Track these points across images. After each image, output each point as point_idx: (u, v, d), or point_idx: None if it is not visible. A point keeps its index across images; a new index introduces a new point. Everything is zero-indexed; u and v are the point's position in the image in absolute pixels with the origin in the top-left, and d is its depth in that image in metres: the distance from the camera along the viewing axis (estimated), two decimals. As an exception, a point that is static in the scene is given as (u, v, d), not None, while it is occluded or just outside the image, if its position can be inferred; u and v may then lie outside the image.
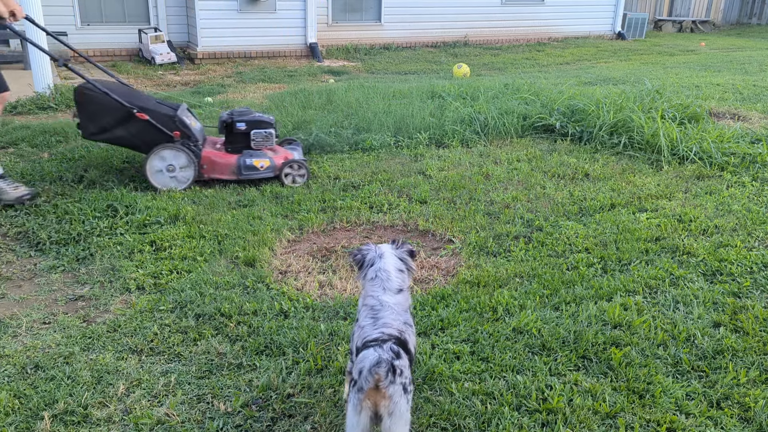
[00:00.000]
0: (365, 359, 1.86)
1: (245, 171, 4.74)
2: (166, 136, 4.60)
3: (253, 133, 4.80)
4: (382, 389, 1.81)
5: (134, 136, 4.58)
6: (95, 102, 4.44)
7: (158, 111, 4.59)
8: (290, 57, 11.92)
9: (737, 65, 11.24)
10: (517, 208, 4.28)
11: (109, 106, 4.45)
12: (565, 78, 9.35)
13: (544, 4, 14.65)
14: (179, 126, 4.63)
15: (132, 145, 4.71)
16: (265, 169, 4.77)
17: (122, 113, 4.47)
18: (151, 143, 4.58)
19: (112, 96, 4.43)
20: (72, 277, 3.37)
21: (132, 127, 4.53)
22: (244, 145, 4.82)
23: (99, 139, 4.65)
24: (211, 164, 4.72)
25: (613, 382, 2.55)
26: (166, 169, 4.58)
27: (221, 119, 4.81)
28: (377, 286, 2.17)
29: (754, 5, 20.84)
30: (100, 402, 2.42)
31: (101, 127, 4.50)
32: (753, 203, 4.39)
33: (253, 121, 4.80)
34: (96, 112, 4.46)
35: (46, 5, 7.71)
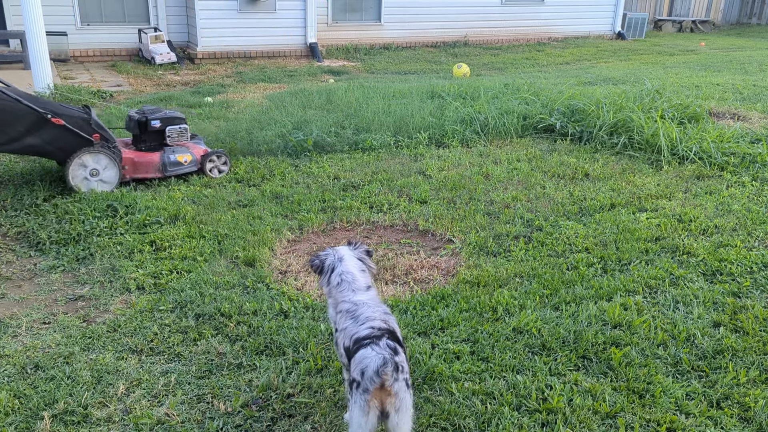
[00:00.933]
0: (366, 360, 1.87)
1: (170, 167, 4.74)
2: (84, 141, 4.38)
3: (168, 130, 4.78)
4: (387, 387, 1.84)
5: (49, 143, 4.28)
6: (3, 109, 4.08)
7: (73, 115, 4.37)
8: (290, 57, 11.92)
9: (737, 65, 11.24)
10: (517, 208, 4.28)
11: (19, 113, 4.12)
12: (565, 78, 9.35)
13: (544, 4, 14.64)
14: (96, 128, 4.45)
15: (45, 153, 4.41)
16: (189, 163, 4.81)
17: (34, 119, 4.17)
18: (69, 149, 4.34)
19: (23, 101, 4.12)
20: (72, 277, 3.37)
21: (46, 134, 4.23)
22: (158, 142, 4.78)
23: (6, 150, 4.28)
24: (132, 165, 4.64)
25: (613, 382, 2.54)
26: (89, 174, 4.42)
27: (132, 118, 4.70)
28: (345, 289, 2.18)
29: (754, 5, 20.84)
30: (100, 402, 2.42)
31: (10, 137, 4.14)
32: (753, 203, 4.39)
33: (167, 118, 4.77)
34: (6, 121, 4.10)
35: (46, 5, 7.71)
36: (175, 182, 4.71)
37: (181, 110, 7.00)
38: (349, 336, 2.03)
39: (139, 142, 4.77)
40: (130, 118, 4.74)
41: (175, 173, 4.77)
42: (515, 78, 9.05)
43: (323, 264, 2.27)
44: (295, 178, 4.88)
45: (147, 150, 4.74)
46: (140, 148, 4.76)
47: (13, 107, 4.11)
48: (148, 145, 4.76)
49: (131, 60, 10.92)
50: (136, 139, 4.78)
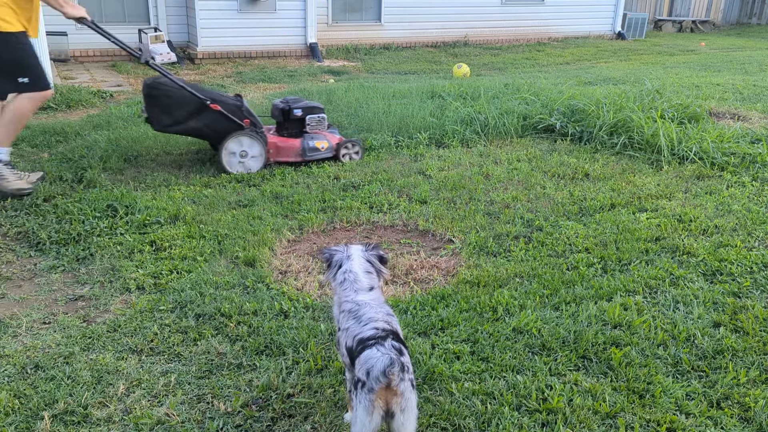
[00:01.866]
0: (372, 360, 1.87)
1: (309, 153, 5.18)
2: (236, 125, 4.89)
3: (308, 118, 5.21)
4: (393, 387, 1.85)
5: (207, 126, 4.86)
6: (171, 96, 4.71)
7: (227, 101, 4.89)
8: (290, 57, 11.92)
9: (737, 65, 11.24)
10: (517, 208, 4.28)
11: (184, 99, 4.73)
12: (565, 78, 9.35)
13: (544, 4, 14.65)
14: (246, 114, 4.94)
15: (203, 135, 5.05)
16: (325, 149, 5.23)
17: (196, 105, 4.76)
18: (222, 132, 4.87)
19: (187, 89, 4.72)
20: (72, 277, 3.37)
21: (205, 118, 4.81)
22: (298, 129, 5.23)
23: (172, 131, 4.94)
24: (276, 149, 5.10)
25: (613, 382, 2.54)
26: (239, 155, 4.92)
27: (277, 107, 5.20)
28: (348, 289, 2.18)
29: (754, 5, 20.84)
30: (100, 402, 2.42)
31: (175, 119, 4.78)
32: (753, 203, 4.39)
33: (308, 107, 5.20)
34: (172, 105, 4.73)
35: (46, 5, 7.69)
36: (175, 182, 4.72)
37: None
38: (352, 336, 2.03)
39: (282, 129, 5.23)
40: (275, 107, 5.24)
41: (313, 158, 5.20)
42: (515, 78, 9.05)
43: (332, 259, 2.27)
44: (295, 178, 4.88)
45: (288, 136, 5.20)
46: (282, 134, 5.21)
47: (179, 94, 4.71)
48: (289, 132, 5.22)
49: (131, 60, 10.92)
50: (279, 126, 5.26)
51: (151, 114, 4.78)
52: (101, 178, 4.68)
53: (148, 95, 4.75)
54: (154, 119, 4.80)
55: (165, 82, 4.72)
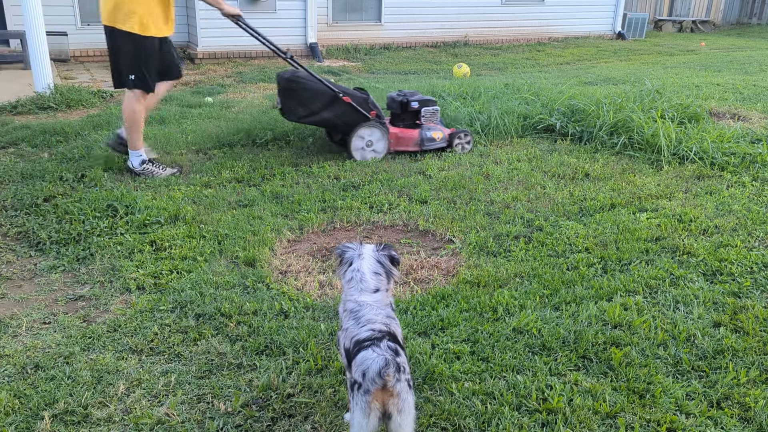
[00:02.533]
0: (367, 361, 1.87)
1: (427, 143, 5.50)
2: (364, 116, 5.25)
3: (423, 110, 5.49)
4: (390, 388, 1.84)
5: (338, 117, 5.22)
6: (308, 89, 5.08)
7: (356, 95, 5.27)
8: (290, 57, 11.92)
9: (737, 65, 11.24)
10: (517, 208, 4.28)
11: (319, 92, 5.09)
12: (566, 78, 9.35)
13: (544, 4, 14.65)
14: (372, 106, 5.30)
15: (333, 125, 5.39)
16: (440, 139, 5.55)
17: (329, 97, 5.13)
18: (352, 123, 5.25)
19: (324, 82, 5.10)
20: (72, 277, 3.37)
21: (336, 109, 5.16)
22: (413, 121, 5.53)
23: (306, 122, 5.30)
24: (396, 139, 5.46)
25: (613, 382, 2.54)
26: (365, 145, 5.31)
27: (394, 99, 5.51)
28: (353, 288, 2.18)
29: (754, 5, 20.84)
30: (100, 402, 2.42)
31: (311, 110, 5.12)
32: (753, 203, 4.39)
33: (424, 100, 5.49)
34: (309, 98, 5.08)
35: (46, 5, 7.70)
36: (175, 182, 4.72)
37: (180, 110, 7.01)
38: (350, 338, 2.03)
39: (398, 120, 5.54)
40: (392, 99, 5.54)
41: (429, 148, 5.53)
42: (515, 78, 9.05)
43: (344, 255, 2.27)
44: (295, 178, 4.88)
45: (404, 127, 5.52)
46: (398, 125, 5.52)
47: (316, 87, 5.09)
48: (405, 123, 5.53)
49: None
50: (395, 117, 5.57)
51: (288, 106, 5.11)
52: (102, 177, 4.68)
53: (287, 88, 5.08)
54: (290, 111, 5.13)
55: (303, 75, 5.10)
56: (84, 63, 10.69)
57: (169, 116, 6.70)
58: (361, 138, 5.30)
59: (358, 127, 5.26)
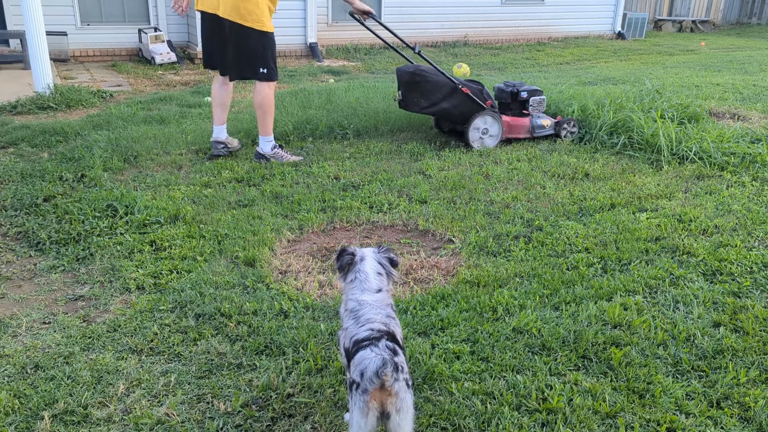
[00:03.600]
0: (365, 361, 1.88)
1: (537, 130, 5.76)
2: (479, 106, 5.53)
3: (531, 100, 5.78)
4: (388, 388, 1.85)
5: (455, 107, 5.49)
6: (430, 81, 5.36)
7: (472, 86, 5.52)
8: (290, 57, 11.92)
9: (737, 65, 11.24)
10: (517, 208, 4.28)
11: (440, 84, 5.38)
12: (565, 78, 9.35)
13: (544, 4, 14.65)
14: (487, 97, 5.56)
15: (451, 116, 5.65)
16: (549, 127, 5.81)
17: (449, 89, 5.40)
18: (467, 113, 5.52)
19: (445, 75, 5.37)
20: (72, 277, 3.37)
21: (455, 100, 5.44)
22: (520, 110, 5.82)
23: (427, 112, 5.60)
24: (509, 127, 5.70)
25: (613, 382, 2.54)
26: (481, 132, 5.58)
27: (502, 90, 5.83)
28: (356, 288, 2.21)
29: (754, 5, 20.84)
30: (100, 402, 2.42)
31: (432, 101, 5.42)
32: (753, 203, 4.39)
33: (532, 90, 5.79)
34: (430, 90, 5.38)
35: (46, 5, 7.71)
36: (175, 182, 4.72)
37: (180, 110, 7.02)
38: (349, 337, 2.05)
39: (507, 109, 5.81)
40: (501, 90, 5.84)
41: (539, 135, 5.78)
42: (515, 78, 9.04)
43: (345, 259, 2.29)
44: (295, 177, 4.88)
45: (513, 116, 5.77)
46: (508, 113, 5.78)
47: (437, 80, 5.38)
48: (514, 112, 5.81)
49: (131, 60, 10.93)
50: (504, 106, 5.83)
51: (410, 98, 5.42)
52: (102, 177, 4.68)
53: (411, 81, 5.37)
54: (412, 102, 5.44)
55: (426, 69, 5.37)
56: (84, 63, 10.69)
57: (169, 116, 6.70)
58: (479, 126, 5.56)
59: (475, 116, 5.51)
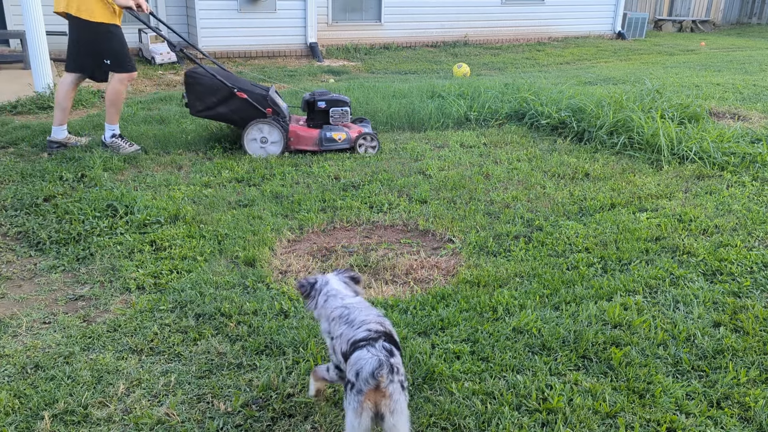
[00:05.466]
0: (361, 361, 1.88)
1: (326, 143, 5.51)
2: (260, 113, 5.35)
3: (331, 111, 5.53)
4: (382, 389, 1.86)
5: (233, 112, 5.35)
6: (202, 84, 5.23)
7: (254, 91, 5.36)
8: (290, 57, 11.93)
9: (737, 65, 11.24)
10: (517, 208, 4.28)
11: (214, 87, 5.24)
12: (566, 78, 9.35)
13: (544, 4, 14.65)
14: (270, 104, 5.37)
15: (230, 120, 5.47)
16: (342, 141, 5.54)
17: (225, 93, 5.25)
18: (247, 119, 5.34)
19: (217, 78, 5.22)
20: (72, 277, 3.37)
21: (232, 105, 5.29)
22: (323, 121, 5.57)
23: (204, 116, 5.43)
24: (297, 137, 5.48)
25: (613, 382, 2.54)
26: (259, 141, 5.37)
27: (304, 99, 5.59)
28: (334, 300, 2.22)
29: (754, 5, 20.84)
30: (100, 402, 2.42)
31: (207, 105, 5.29)
32: (753, 203, 4.39)
33: (332, 100, 5.53)
34: (203, 93, 5.24)
35: (46, 5, 7.70)
36: (175, 182, 4.72)
37: (180, 110, 7.01)
38: (346, 340, 2.05)
39: (308, 120, 5.64)
40: (303, 99, 5.66)
41: (329, 148, 5.55)
42: (515, 78, 9.05)
43: (311, 288, 2.29)
44: (295, 177, 4.88)
45: (314, 126, 5.58)
46: (309, 124, 5.60)
47: (209, 82, 5.24)
48: (315, 123, 5.60)
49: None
50: (308, 117, 5.64)
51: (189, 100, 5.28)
52: (102, 177, 4.68)
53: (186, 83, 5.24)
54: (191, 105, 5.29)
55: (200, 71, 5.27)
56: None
57: (169, 116, 6.70)
58: (256, 133, 5.36)
59: (253, 123, 5.32)
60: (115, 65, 5.26)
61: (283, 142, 5.38)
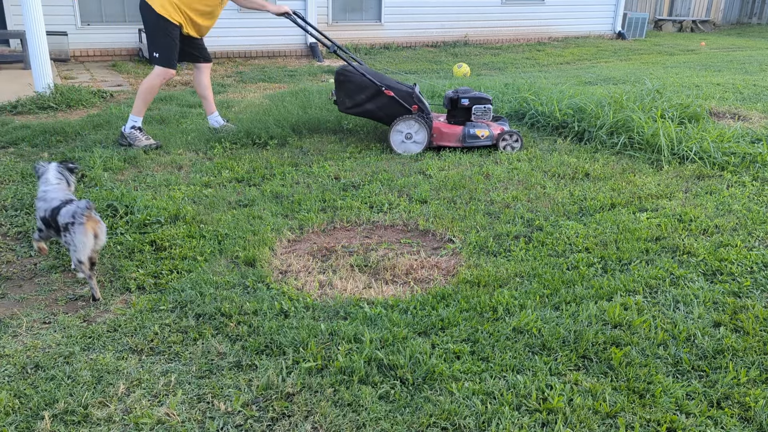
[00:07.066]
0: (72, 207, 3.04)
1: (469, 139, 5.59)
2: (406, 110, 5.51)
3: (474, 108, 5.61)
4: (94, 217, 3.08)
5: (380, 109, 5.52)
6: (353, 82, 5.43)
7: (400, 89, 5.52)
8: (290, 57, 11.93)
9: (737, 65, 11.24)
10: (517, 208, 4.28)
11: (363, 85, 5.43)
12: (566, 77, 9.35)
13: (544, 3, 14.65)
14: (416, 101, 5.53)
15: (377, 117, 5.67)
16: (485, 138, 5.60)
17: (373, 90, 5.45)
18: (393, 115, 5.50)
19: (367, 76, 5.40)
20: (72, 277, 3.37)
21: (380, 102, 5.47)
22: (465, 118, 5.66)
23: (352, 113, 5.63)
24: (440, 133, 5.59)
25: (613, 382, 2.54)
26: (405, 137, 5.51)
27: (447, 96, 5.69)
28: (42, 185, 3.35)
29: (754, 5, 20.84)
30: (100, 402, 2.42)
31: (356, 102, 5.49)
32: (753, 203, 4.39)
33: (475, 98, 5.61)
34: (353, 90, 5.45)
35: (46, 5, 7.70)
36: (175, 182, 4.72)
37: (180, 110, 7.01)
38: (43, 209, 3.17)
39: (450, 117, 5.72)
40: (445, 96, 5.74)
41: (472, 145, 5.62)
42: (516, 78, 9.05)
43: (38, 171, 3.48)
44: (295, 177, 4.88)
45: (455, 123, 5.68)
46: (450, 121, 5.70)
47: (359, 80, 5.45)
48: (457, 119, 5.69)
49: (131, 60, 10.93)
50: (449, 114, 5.73)
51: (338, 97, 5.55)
52: (102, 177, 4.68)
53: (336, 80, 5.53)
54: (340, 102, 5.56)
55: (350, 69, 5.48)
56: (84, 63, 10.69)
57: (169, 116, 6.70)
58: (403, 129, 5.49)
59: (399, 119, 5.46)
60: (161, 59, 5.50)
61: (427, 138, 5.52)
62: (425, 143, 5.52)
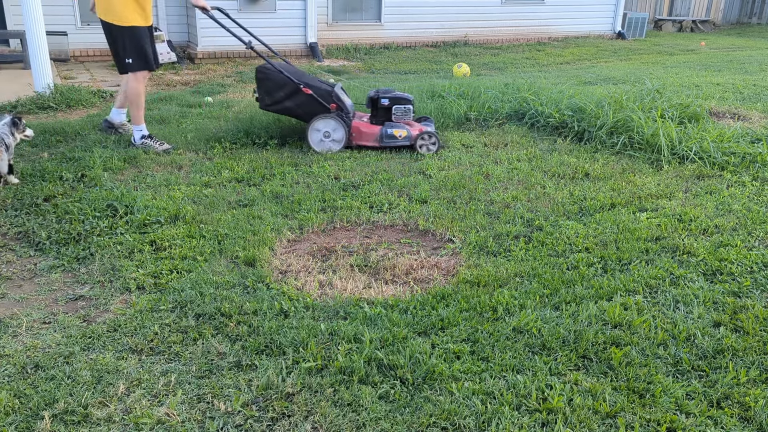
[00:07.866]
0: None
1: (386, 139, 5.60)
2: (325, 108, 5.51)
3: (394, 108, 5.65)
4: None
5: (299, 107, 5.52)
6: (271, 79, 5.44)
7: (319, 87, 5.52)
8: (290, 56, 11.92)
9: (737, 65, 11.24)
10: (517, 208, 4.28)
11: (281, 83, 5.43)
12: (566, 77, 9.35)
13: (544, 3, 14.64)
14: (335, 100, 5.51)
15: (296, 115, 5.66)
16: (402, 138, 5.60)
17: (292, 88, 5.43)
18: (312, 113, 5.51)
19: (284, 74, 5.41)
20: (72, 277, 3.37)
21: (298, 99, 5.47)
22: (386, 118, 5.69)
23: (272, 110, 5.63)
24: (359, 133, 5.61)
25: (613, 382, 2.54)
26: (323, 135, 5.53)
27: (369, 96, 5.75)
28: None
29: (754, 5, 20.84)
30: (100, 402, 2.42)
31: (275, 99, 5.49)
32: (753, 203, 4.39)
33: (395, 98, 5.65)
34: (272, 88, 5.46)
35: (46, 5, 7.70)
36: (175, 182, 4.72)
37: (180, 110, 7.01)
38: None
39: (371, 117, 5.79)
40: (367, 96, 5.81)
41: (389, 145, 5.63)
42: (516, 78, 9.05)
43: None
44: (295, 177, 4.88)
45: (376, 123, 5.72)
46: (371, 121, 5.75)
47: (276, 77, 5.44)
48: (377, 119, 5.74)
49: (131, 60, 10.91)
50: (371, 114, 5.79)
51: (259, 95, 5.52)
52: (102, 177, 4.68)
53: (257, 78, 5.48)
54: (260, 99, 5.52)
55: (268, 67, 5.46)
56: (84, 63, 10.69)
57: (169, 116, 6.70)
58: (320, 127, 5.50)
59: (317, 117, 5.46)
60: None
61: (345, 137, 5.53)
62: (344, 142, 5.54)
